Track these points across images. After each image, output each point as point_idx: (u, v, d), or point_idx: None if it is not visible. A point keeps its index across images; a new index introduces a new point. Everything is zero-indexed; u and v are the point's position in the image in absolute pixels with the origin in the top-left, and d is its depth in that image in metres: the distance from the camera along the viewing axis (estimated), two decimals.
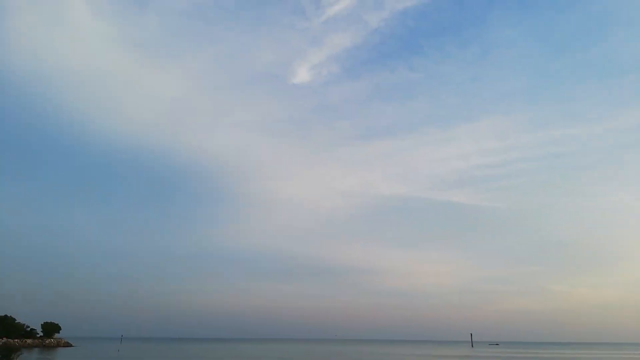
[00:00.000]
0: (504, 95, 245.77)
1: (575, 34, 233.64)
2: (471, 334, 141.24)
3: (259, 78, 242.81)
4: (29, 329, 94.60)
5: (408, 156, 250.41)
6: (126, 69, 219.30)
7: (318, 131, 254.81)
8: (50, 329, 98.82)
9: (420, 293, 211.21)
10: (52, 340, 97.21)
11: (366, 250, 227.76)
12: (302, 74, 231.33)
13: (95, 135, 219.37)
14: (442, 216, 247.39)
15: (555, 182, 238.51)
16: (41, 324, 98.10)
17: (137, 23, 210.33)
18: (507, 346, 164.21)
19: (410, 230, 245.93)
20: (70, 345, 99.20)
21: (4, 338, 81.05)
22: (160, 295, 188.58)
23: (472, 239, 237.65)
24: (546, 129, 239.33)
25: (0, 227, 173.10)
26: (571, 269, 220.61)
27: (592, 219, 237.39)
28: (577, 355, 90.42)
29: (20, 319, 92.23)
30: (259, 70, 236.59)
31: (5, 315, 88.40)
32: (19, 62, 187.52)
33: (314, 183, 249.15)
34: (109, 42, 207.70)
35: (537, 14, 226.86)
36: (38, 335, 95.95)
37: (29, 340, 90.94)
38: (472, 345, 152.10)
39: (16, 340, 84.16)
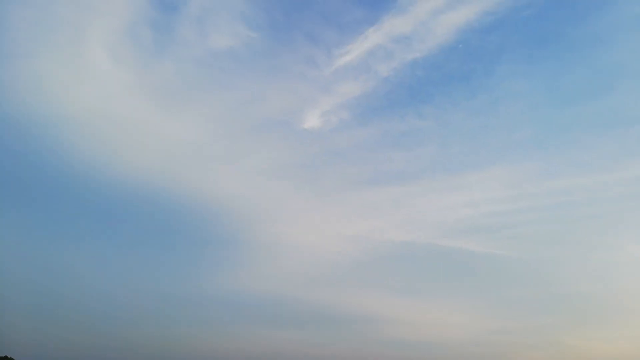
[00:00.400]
0: (513, 145, 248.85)
1: (582, 85, 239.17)
2: None
3: (269, 124, 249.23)
4: None
5: (416, 202, 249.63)
6: (140, 114, 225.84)
7: (326, 176, 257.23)
8: None
9: (428, 344, 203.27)
10: None
11: (372, 298, 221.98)
12: (312, 120, 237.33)
13: (103, 177, 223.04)
14: (451, 264, 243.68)
15: (565, 232, 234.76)
16: None
17: (154, 70, 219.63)
18: None
19: (418, 278, 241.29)
20: None
21: None
22: (160, 340, 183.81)
23: (482, 288, 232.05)
24: (555, 178, 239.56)
25: (1, 266, 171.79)
26: (585, 321, 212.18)
27: (604, 270, 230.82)
28: None
29: None
30: (269, 117, 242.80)
31: (5, 356, 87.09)
32: (37, 105, 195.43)
33: (320, 227, 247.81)
34: (126, 87, 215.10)
35: (545, 66, 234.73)
36: None
37: None
38: None
39: None
